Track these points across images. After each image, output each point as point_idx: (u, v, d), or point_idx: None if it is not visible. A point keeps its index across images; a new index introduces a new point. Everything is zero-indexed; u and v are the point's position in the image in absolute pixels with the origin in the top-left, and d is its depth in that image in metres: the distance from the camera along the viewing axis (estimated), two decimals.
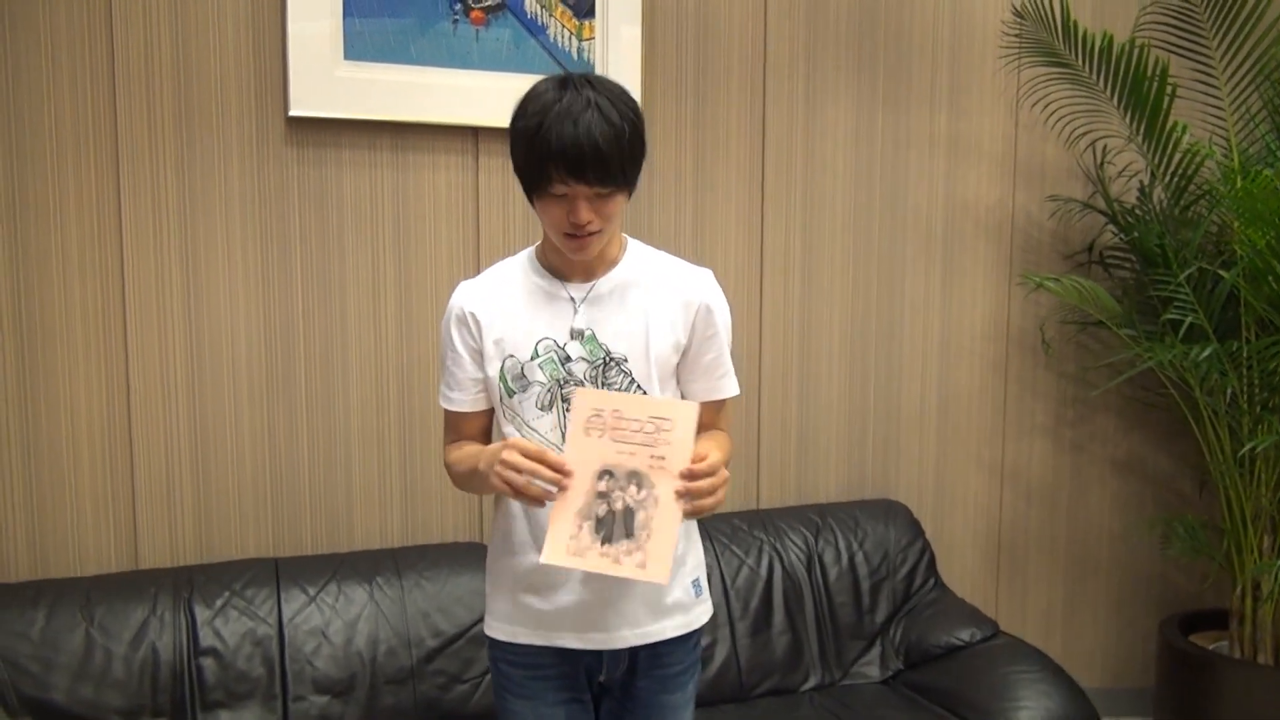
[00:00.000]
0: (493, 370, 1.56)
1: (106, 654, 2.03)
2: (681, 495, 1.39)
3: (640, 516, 1.40)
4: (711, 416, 1.60)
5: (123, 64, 2.21)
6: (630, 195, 1.52)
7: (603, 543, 1.40)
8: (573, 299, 1.56)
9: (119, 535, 2.29)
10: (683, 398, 1.60)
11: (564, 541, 1.40)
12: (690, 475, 1.39)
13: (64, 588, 2.11)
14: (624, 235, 1.61)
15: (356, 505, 2.45)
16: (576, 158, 1.41)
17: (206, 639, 2.10)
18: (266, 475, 2.38)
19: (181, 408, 2.31)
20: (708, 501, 1.40)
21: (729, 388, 1.63)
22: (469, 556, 2.33)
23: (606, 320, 1.55)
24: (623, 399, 1.44)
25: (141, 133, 2.23)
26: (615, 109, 1.45)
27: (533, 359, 1.54)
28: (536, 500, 1.42)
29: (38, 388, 2.21)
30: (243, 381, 2.35)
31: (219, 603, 2.14)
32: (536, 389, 1.54)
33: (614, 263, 1.58)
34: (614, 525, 1.40)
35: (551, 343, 1.54)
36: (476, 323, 1.56)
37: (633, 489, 1.40)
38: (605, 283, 1.57)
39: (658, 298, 1.57)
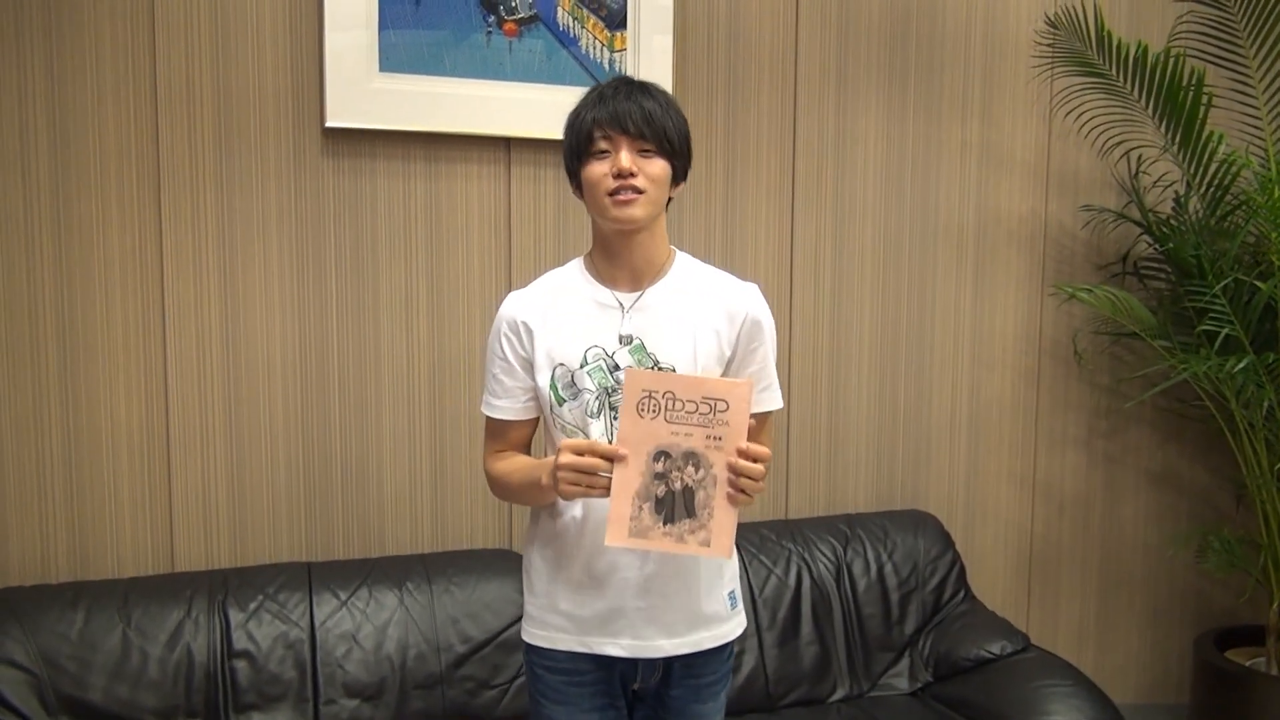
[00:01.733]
0: (543, 380, 1.57)
1: (143, 655, 2.07)
2: (732, 471, 1.41)
3: (700, 496, 1.42)
4: (754, 429, 1.60)
5: (164, 79, 2.25)
6: (675, 176, 1.56)
7: (664, 523, 1.42)
8: (621, 304, 1.58)
9: (156, 539, 2.33)
10: None
11: (625, 523, 1.43)
12: (744, 454, 1.41)
13: (102, 589, 2.15)
14: (672, 247, 1.63)
15: (388, 511, 2.48)
16: (617, 110, 1.50)
17: (240, 642, 2.13)
18: (300, 481, 2.42)
19: (218, 415, 2.35)
20: (751, 486, 1.42)
21: (772, 400, 1.63)
22: (498, 563, 2.35)
23: (655, 329, 1.56)
24: (675, 380, 1.45)
25: (182, 146, 2.28)
26: (664, 95, 1.55)
27: (582, 367, 1.55)
28: (606, 491, 1.44)
29: (80, 397, 2.25)
30: (277, 389, 2.38)
31: (252, 606, 2.17)
32: (586, 397, 1.55)
33: (662, 272, 1.60)
34: (674, 505, 1.43)
35: (600, 351, 1.56)
36: (529, 331, 1.58)
37: (690, 469, 1.43)
38: (653, 291, 1.58)
39: (705, 309, 1.58)
